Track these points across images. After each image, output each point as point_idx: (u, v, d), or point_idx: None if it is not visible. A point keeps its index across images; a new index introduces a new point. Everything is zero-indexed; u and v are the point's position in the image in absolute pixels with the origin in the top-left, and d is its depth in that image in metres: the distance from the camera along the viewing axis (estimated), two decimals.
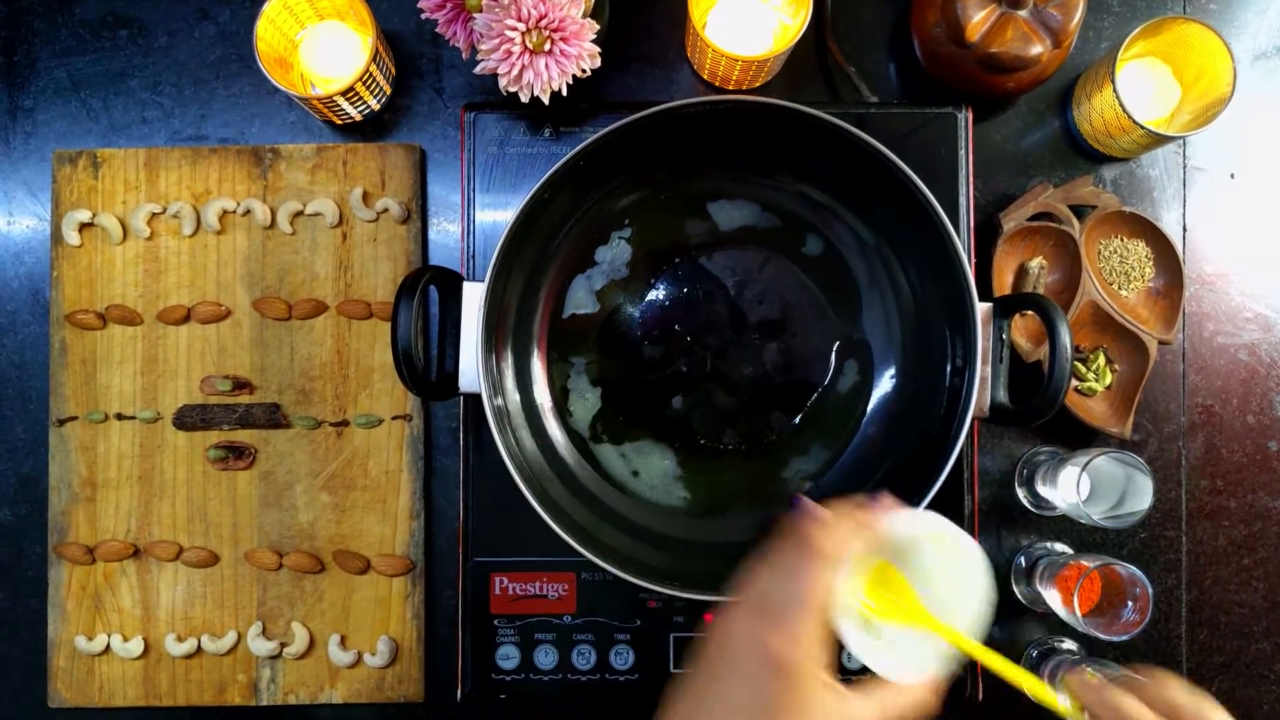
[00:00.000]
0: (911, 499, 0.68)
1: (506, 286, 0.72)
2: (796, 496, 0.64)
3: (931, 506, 0.68)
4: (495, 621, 0.77)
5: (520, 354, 0.76)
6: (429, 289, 0.71)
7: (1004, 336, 0.70)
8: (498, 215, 0.78)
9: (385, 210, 0.81)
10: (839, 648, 0.52)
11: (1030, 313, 0.75)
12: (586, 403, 0.77)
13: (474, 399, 0.71)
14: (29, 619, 0.81)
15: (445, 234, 0.83)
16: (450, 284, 0.70)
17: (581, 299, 0.77)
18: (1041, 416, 0.68)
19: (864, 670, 0.69)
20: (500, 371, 0.74)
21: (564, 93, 0.71)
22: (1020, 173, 0.83)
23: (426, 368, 0.75)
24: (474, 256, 0.78)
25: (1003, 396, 0.70)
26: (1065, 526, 0.82)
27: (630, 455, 0.77)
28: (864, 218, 0.76)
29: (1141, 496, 0.73)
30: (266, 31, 0.75)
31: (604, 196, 0.76)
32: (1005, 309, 0.70)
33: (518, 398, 0.75)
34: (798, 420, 0.77)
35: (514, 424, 0.73)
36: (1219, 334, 0.82)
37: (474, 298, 0.69)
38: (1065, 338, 0.66)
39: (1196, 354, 0.82)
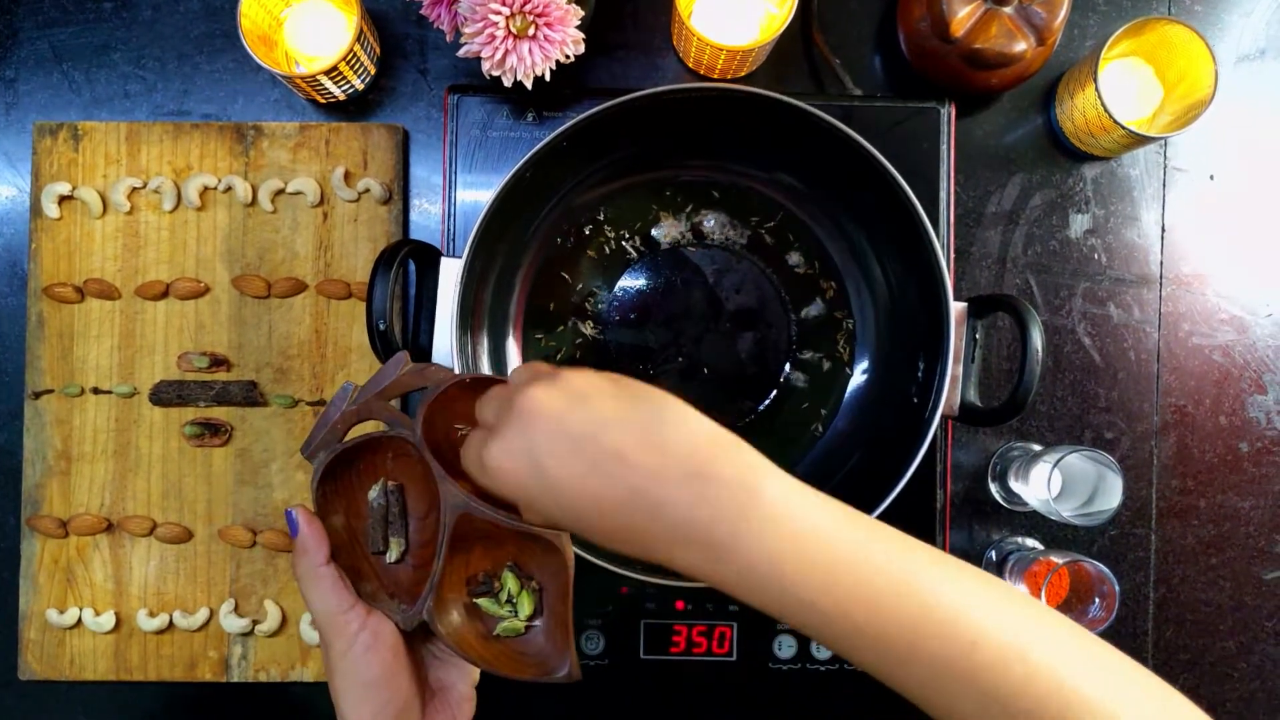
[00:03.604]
0: (878, 494, 0.68)
1: (485, 265, 0.73)
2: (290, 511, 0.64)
3: (901, 501, 0.69)
4: None
5: (496, 333, 0.76)
6: (407, 263, 0.71)
7: (976, 337, 0.70)
8: (479, 198, 0.78)
9: (367, 190, 0.81)
10: None
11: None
12: None
13: None
14: (0, 591, 0.81)
15: (426, 215, 0.83)
16: (428, 258, 0.71)
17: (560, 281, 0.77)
18: (1009, 418, 0.68)
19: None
20: (475, 349, 0.74)
21: (547, 78, 0.71)
22: (1002, 169, 0.83)
23: (403, 341, 0.75)
24: (454, 238, 0.78)
25: (973, 396, 0.70)
26: (1036, 522, 0.82)
27: None
28: (843, 211, 0.77)
29: (1111, 494, 0.74)
30: (251, 8, 0.75)
31: (586, 180, 0.76)
32: (980, 309, 0.71)
33: None
34: (768, 410, 0.78)
35: None
36: (1194, 334, 0.83)
37: (451, 273, 0.69)
38: (1037, 340, 0.66)
39: (1171, 354, 0.83)
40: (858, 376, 0.77)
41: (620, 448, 0.49)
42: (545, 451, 0.50)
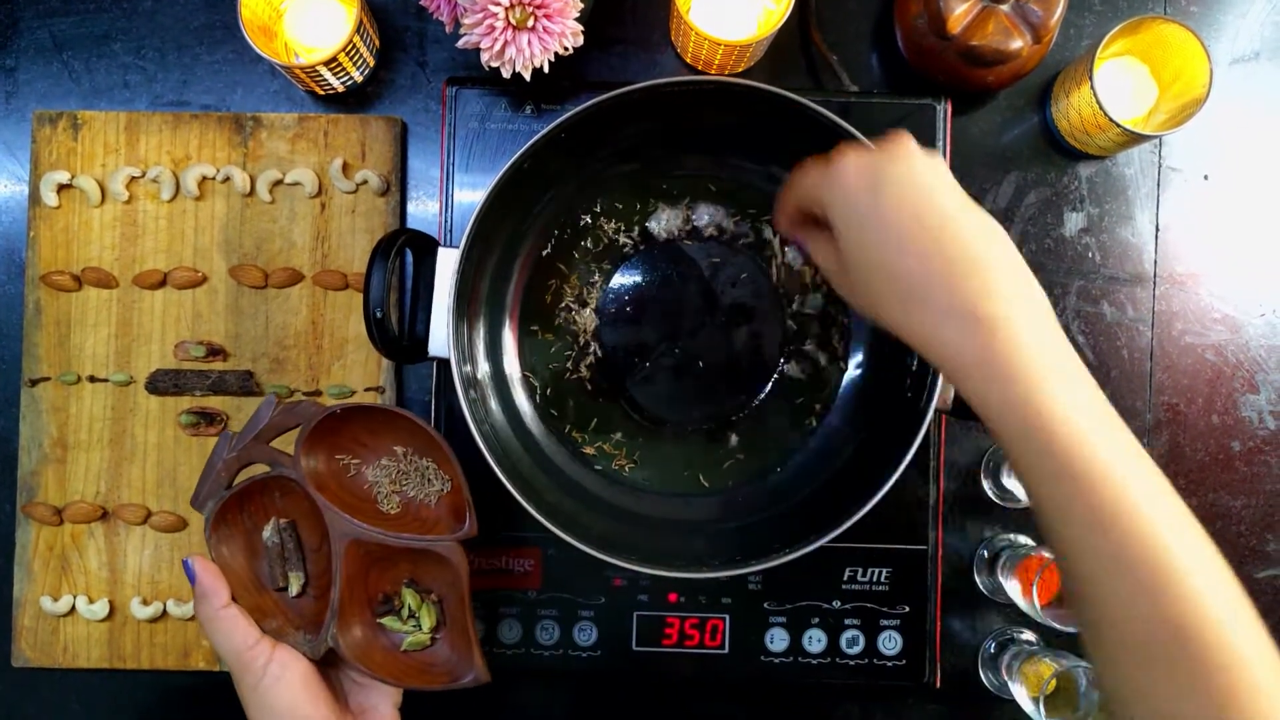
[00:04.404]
0: (871, 488, 0.68)
1: (482, 255, 0.73)
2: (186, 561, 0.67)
3: (894, 496, 0.69)
4: None
5: (492, 323, 0.76)
6: (404, 253, 0.71)
7: None
8: (476, 190, 0.78)
9: (364, 182, 0.81)
10: None
11: None
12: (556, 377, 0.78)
13: (446, 370, 0.71)
14: None
15: (424, 208, 0.83)
16: (425, 248, 0.71)
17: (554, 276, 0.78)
18: None
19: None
20: (471, 339, 0.74)
21: (546, 70, 0.72)
22: (998, 167, 0.83)
23: (399, 331, 0.76)
24: (451, 230, 0.78)
25: None
26: (1029, 519, 0.82)
27: (597, 432, 0.77)
28: None
29: None
30: None
31: (583, 172, 0.76)
32: None
33: (488, 367, 0.75)
34: (763, 404, 0.78)
35: (483, 394, 0.74)
36: (1187, 333, 0.83)
37: (448, 263, 0.70)
38: None
39: (1164, 353, 0.83)
40: (852, 371, 0.78)
41: (953, 213, 0.54)
42: (894, 179, 0.55)
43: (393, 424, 0.70)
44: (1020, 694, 0.76)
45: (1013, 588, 0.77)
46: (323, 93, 0.81)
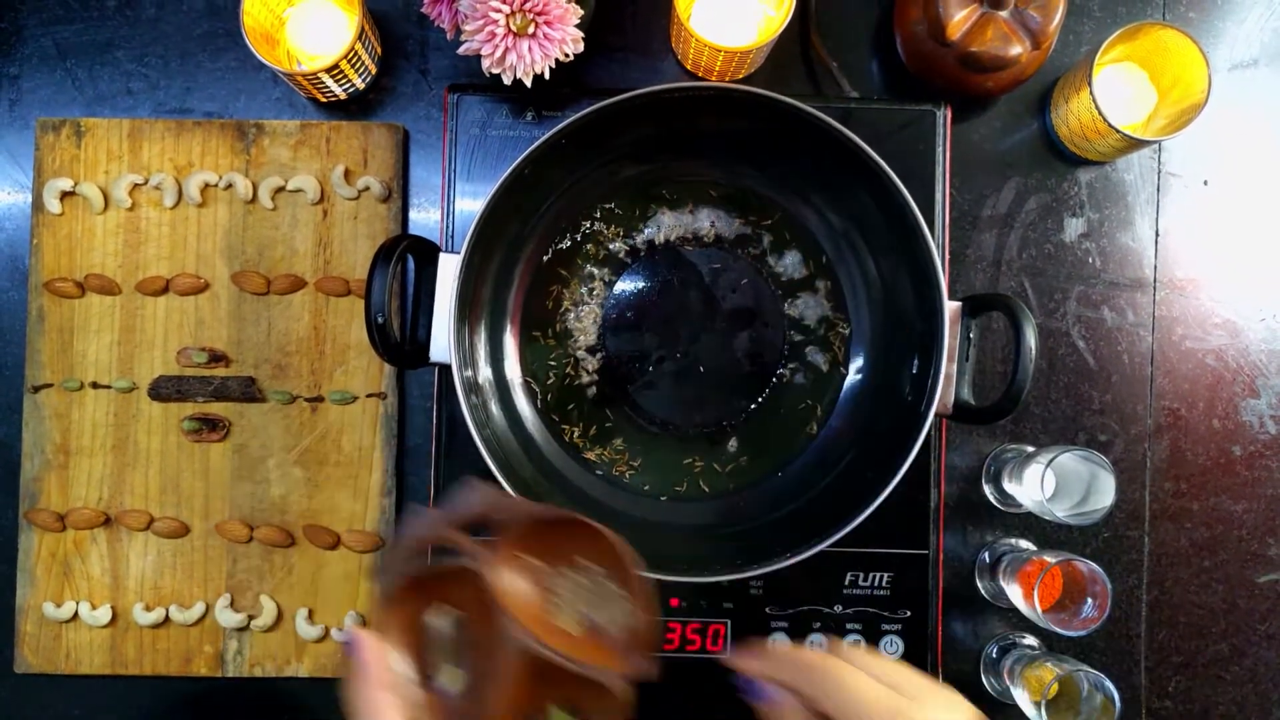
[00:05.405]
0: (872, 492, 0.68)
1: (483, 260, 0.73)
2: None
3: (895, 501, 0.69)
4: None
5: (494, 328, 0.77)
6: (406, 258, 0.71)
7: (971, 336, 0.71)
8: (478, 196, 0.78)
9: (366, 188, 0.81)
10: None
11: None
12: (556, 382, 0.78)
13: (448, 375, 0.72)
14: None
15: (425, 215, 0.83)
16: (427, 254, 0.71)
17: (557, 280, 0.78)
18: (1002, 416, 0.69)
19: None
20: (473, 344, 0.74)
21: (546, 76, 0.72)
22: (998, 173, 0.83)
23: (401, 336, 0.76)
24: (453, 236, 0.78)
25: (966, 394, 0.71)
26: (1030, 524, 0.82)
27: (598, 437, 0.77)
28: (840, 211, 0.77)
29: (1104, 494, 0.74)
30: (253, 7, 0.75)
31: (584, 178, 0.76)
32: (974, 308, 0.71)
33: (489, 372, 0.76)
34: (763, 408, 0.78)
35: (484, 399, 0.74)
36: (1187, 338, 0.83)
37: (449, 269, 0.70)
38: (1030, 337, 0.66)
39: (1165, 357, 0.83)
40: (852, 375, 0.78)
41: None
42: None
43: (595, 542, 0.67)
44: (1022, 698, 0.76)
45: (1014, 592, 0.77)
46: (325, 100, 0.82)
